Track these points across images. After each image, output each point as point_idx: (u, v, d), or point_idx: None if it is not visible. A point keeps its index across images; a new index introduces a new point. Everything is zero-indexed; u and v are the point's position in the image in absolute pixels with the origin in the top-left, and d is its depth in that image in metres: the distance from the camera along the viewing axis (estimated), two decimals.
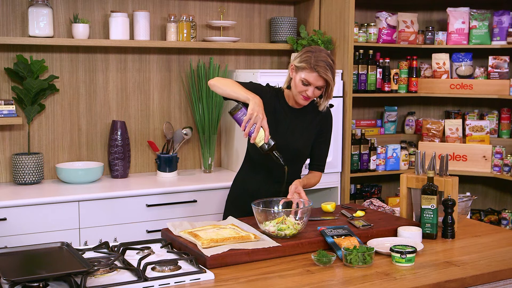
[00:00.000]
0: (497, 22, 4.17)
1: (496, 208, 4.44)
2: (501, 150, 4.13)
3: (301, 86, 2.57)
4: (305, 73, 2.55)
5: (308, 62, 2.54)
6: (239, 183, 2.87)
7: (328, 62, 2.55)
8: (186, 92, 3.97)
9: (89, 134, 3.74)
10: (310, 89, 2.57)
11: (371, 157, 4.16)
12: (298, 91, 2.59)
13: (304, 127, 2.73)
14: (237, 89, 2.54)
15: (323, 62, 2.53)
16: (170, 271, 1.98)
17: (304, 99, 2.61)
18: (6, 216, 3.02)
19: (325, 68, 2.53)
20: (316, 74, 2.53)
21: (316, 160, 2.83)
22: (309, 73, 2.54)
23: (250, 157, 2.81)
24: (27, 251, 2.05)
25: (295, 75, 2.60)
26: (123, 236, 3.20)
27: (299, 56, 2.60)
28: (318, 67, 2.52)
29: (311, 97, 2.60)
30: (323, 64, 2.53)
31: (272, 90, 2.73)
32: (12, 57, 3.49)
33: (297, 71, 2.58)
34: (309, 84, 2.56)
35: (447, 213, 2.47)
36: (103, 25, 3.71)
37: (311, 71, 2.53)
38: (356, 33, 4.08)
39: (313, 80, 2.55)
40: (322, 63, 2.53)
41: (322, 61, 2.53)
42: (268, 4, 4.20)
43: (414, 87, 4.34)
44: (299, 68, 2.57)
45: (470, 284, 2.04)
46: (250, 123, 2.43)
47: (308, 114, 2.74)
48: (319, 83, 2.56)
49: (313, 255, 2.12)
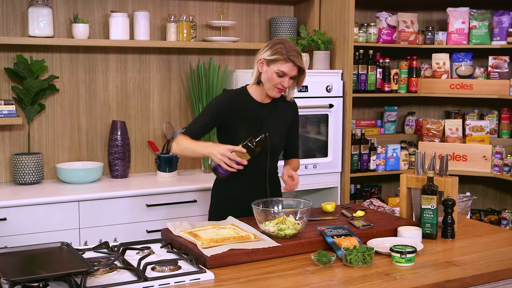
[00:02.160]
0: (497, 22, 4.17)
1: (496, 208, 4.44)
2: (501, 150, 4.13)
3: (276, 78, 2.58)
4: (279, 64, 2.56)
5: (281, 53, 2.56)
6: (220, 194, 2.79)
7: (298, 51, 2.59)
8: (186, 92, 3.98)
9: (89, 134, 3.74)
10: (286, 79, 2.59)
11: (371, 157, 4.16)
12: (273, 84, 2.60)
13: (277, 120, 2.74)
14: (196, 149, 2.60)
15: (294, 52, 2.57)
16: (170, 271, 1.98)
17: (278, 92, 2.63)
18: (6, 216, 3.02)
19: (297, 56, 2.57)
20: (291, 64, 2.56)
21: (292, 150, 2.86)
22: (283, 63, 2.56)
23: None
24: (27, 251, 2.05)
25: (267, 68, 2.60)
26: (123, 236, 3.21)
27: (268, 49, 2.60)
28: (292, 57, 2.55)
29: (286, 88, 2.63)
30: (295, 53, 2.56)
31: (233, 93, 2.72)
32: (12, 57, 3.49)
33: (269, 64, 2.59)
34: (284, 75, 2.58)
35: (447, 213, 2.47)
36: (103, 25, 3.71)
37: (286, 61, 2.56)
38: (356, 33, 4.08)
39: (288, 70, 2.57)
40: (294, 52, 2.56)
41: (294, 50, 2.57)
42: (268, 4, 4.20)
43: (414, 87, 4.34)
44: (271, 60, 2.58)
45: (470, 284, 2.04)
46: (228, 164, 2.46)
47: (277, 107, 2.75)
48: (293, 73, 2.59)
49: (313, 255, 2.12)
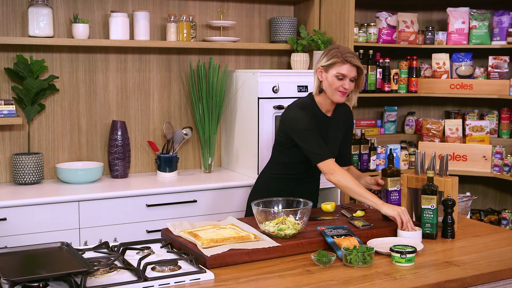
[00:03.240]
0: (497, 22, 4.17)
1: (496, 208, 4.44)
2: (501, 150, 4.12)
3: (337, 82, 2.66)
4: (337, 67, 2.65)
5: (337, 56, 2.65)
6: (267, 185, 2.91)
7: (353, 52, 2.69)
8: (186, 92, 3.98)
9: (89, 134, 3.74)
10: (346, 81, 2.66)
11: (371, 157, 4.16)
12: (334, 88, 2.67)
13: (337, 132, 2.85)
14: (361, 194, 2.55)
15: (349, 53, 2.66)
16: (170, 271, 1.98)
17: (341, 95, 2.70)
18: (6, 216, 3.02)
19: (354, 57, 2.66)
20: (348, 65, 2.65)
21: (346, 156, 2.97)
22: (341, 65, 2.65)
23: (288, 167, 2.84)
24: (27, 251, 2.05)
25: (326, 74, 2.69)
26: (123, 236, 3.20)
27: (325, 56, 2.70)
28: (348, 58, 2.64)
29: (348, 90, 2.69)
30: (350, 54, 2.66)
31: (308, 108, 2.75)
32: (12, 57, 3.49)
33: (327, 69, 2.67)
34: (344, 77, 2.65)
35: (447, 213, 2.47)
36: (103, 25, 3.71)
37: (343, 63, 2.64)
38: (356, 33, 4.08)
39: (347, 71, 2.65)
40: (349, 54, 2.66)
41: (348, 52, 2.66)
42: (268, 4, 4.20)
43: (414, 87, 4.34)
44: (329, 66, 2.66)
45: (470, 284, 2.04)
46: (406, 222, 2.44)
47: (338, 118, 2.85)
48: (353, 74, 2.67)
49: (313, 255, 2.12)
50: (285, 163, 2.84)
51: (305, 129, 2.67)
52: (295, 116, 2.71)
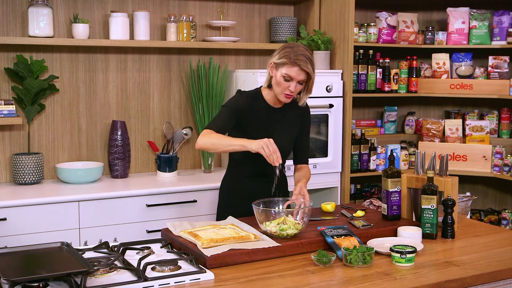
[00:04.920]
0: (497, 22, 4.17)
1: (496, 208, 4.44)
2: (501, 150, 4.12)
3: (284, 83, 2.58)
4: (286, 68, 2.56)
5: (288, 57, 2.56)
6: (228, 190, 2.85)
7: (307, 55, 2.57)
8: (186, 92, 3.98)
9: (89, 134, 3.74)
10: (292, 84, 2.58)
11: (371, 157, 4.16)
12: (280, 88, 2.60)
13: (287, 124, 2.75)
14: (227, 142, 2.54)
15: (302, 56, 2.56)
16: (170, 271, 1.98)
17: (286, 97, 2.63)
18: (6, 216, 3.02)
19: (305, 61, 2.56)
20: (297, 68, 2.55)
21: (302, 154, 2.86)
22: (290, 67, 2.56)
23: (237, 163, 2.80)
24: (27, 251, 2.05)
25: (276, 72, 2.61)
26: (123, 236, 3.20)
27: (278, 53, 2.61)
28: (299, 61, 2.55)
29: (294, 93, 2.62)
30: (303, 58, 2.55)
31: (247, 95, 2.72)
32: (12, 57, 3.49)
33: (277, 67, 2.60)
34: (291, 79, 2.57)
35: (447, 213, 2.47)
36: (103, 25, 3.71)
37: (292, 65, 2.55)
38: (356, 33, 4.08)
39: (295, 74, 2.56)
40: (301, 56, 2.55)
41: (302, 55, 2.56)
42: (268, 4, 4.20)
43: (414, 87, 4.34)
44: (279, 64, 2.59)
45: (470, 284, 2.04)
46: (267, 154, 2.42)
47: (289, 110, 2.76)
48: (301, 77, 2.58)
49: (313, 255, 2.12)
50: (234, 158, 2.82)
51: (223, 105, 2.71)
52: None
